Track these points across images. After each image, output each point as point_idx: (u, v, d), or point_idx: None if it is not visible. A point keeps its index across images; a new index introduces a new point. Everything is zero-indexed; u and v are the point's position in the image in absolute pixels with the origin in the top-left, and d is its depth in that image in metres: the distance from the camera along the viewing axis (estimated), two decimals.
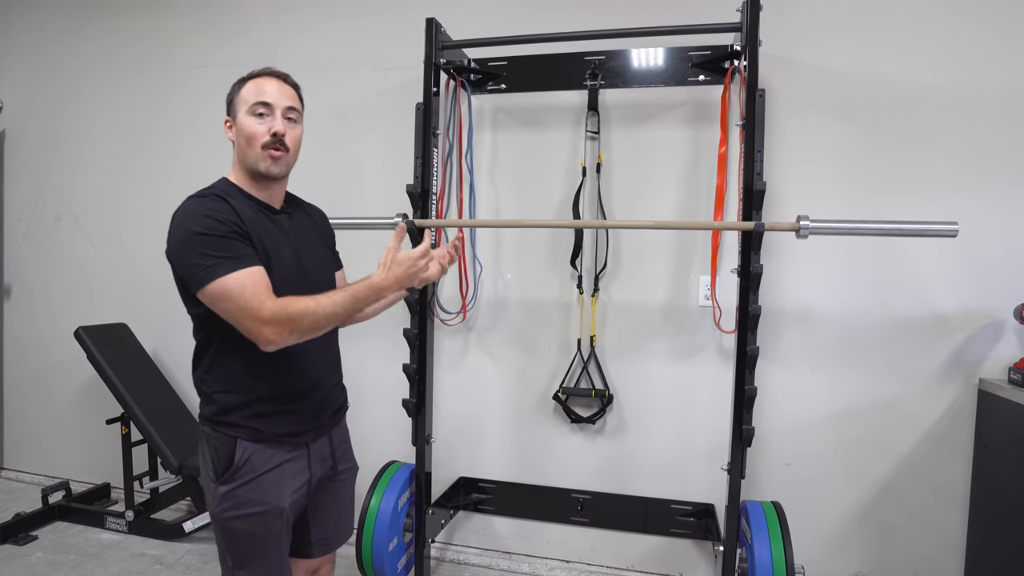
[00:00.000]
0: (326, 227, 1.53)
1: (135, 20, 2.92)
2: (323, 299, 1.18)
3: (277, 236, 1.30)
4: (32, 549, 2.49)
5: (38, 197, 3.11)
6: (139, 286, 2.93)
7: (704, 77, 2.14)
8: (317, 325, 1.19)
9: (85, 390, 3.05)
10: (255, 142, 1.26)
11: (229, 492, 1.27)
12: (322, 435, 1.40)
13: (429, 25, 2.10)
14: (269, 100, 1.27)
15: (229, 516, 1.27)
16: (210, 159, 2.82)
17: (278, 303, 1.15)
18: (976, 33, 2.02)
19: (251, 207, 1.28)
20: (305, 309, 1.16)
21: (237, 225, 1.20)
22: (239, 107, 1.29)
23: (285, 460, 1.32)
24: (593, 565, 2.42)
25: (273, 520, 1.29)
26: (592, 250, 2.34)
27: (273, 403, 1.29)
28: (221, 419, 1.28)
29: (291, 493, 1.32)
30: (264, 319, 1.14)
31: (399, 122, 2.44)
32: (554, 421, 2.43)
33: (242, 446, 1.27)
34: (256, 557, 1.31)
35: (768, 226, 1.76)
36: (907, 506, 2.15)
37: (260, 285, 1.16)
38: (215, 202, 1.21)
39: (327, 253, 1.49)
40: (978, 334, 2.06)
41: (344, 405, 1.50)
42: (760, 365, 1.92)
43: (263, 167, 1.27)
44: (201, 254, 1.15)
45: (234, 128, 1.30)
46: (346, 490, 1.51)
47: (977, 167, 2.04)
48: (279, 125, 1.27)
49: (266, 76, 1.31)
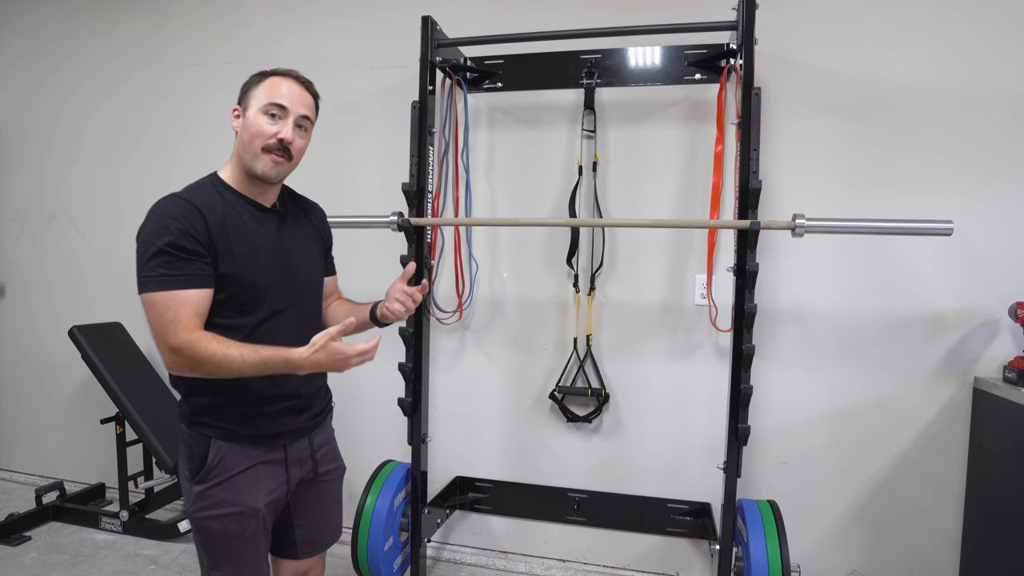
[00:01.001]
0: (324, 227, 1.50)
1: (130, 18, 2.91)
2: (235, 353, 1.13)
3: (259, 236, 1.27)
4: (26, 550, 2.48)
5: (33, 196, 3.10)
6: (134, 285, 2.89)
7: (700, 76, 2.14)
8: (219, 374, 1.15)
9: (79, 390, 3.04)
10: (258, 141, 1.23)
11: (203, 492, 1.25)
12: (301, 438, 1.37)
13: (425, 23, 2.09)
14: (285, 103, 1.24)
15: (204, 516, 1.26)
16: (206, 158, 2.80)
17: (189, 338, 1.13)
18: (973, 31, 2.03)
19: (235, 206, 1.25)
20: (212, 356, 1.13)
21: (198, 241, 1.17)
22: (252, 101, 1.25)
23: (260, 461, 1.30)
24: (590, 564, 2.42)
25: (247, 521, 1.27)
26: (588, 249, 2.34)
27: (247, 406, 1.27)
28: (196, 419, 1.27)
29: (266, 494, 1.30)
30: (171, 347, 1.14)
31: (395, 120, 2.44)
32: (550, 420, 2.43)
33: (216, 446, 1.25)
34: (231, 558, 1.29)
35: (764, 225, 1.76)
36: (903, 504, 2.15)
37: (184, 312, 1.14)
38: (188, 210, 1.18)
39: (320, 254, 1.46)
40: (973, 333, 2.07)
41: (327, 408, 1.48)
42: (756, 364, 1.92)
43: (260, 169, 1.24)
44: (152, 261, 1.16)
45: (241, 120, 1.26)
46: (330, 491, 1.48)
47: (973, 165, 2.04)
48: (288, 132, 1.24)
49: (289, 78, 1.27)
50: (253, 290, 1.24)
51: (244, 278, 1.22)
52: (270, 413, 1.30)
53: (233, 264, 1.21)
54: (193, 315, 1.16)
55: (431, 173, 2.21)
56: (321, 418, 1.44)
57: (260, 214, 1.30)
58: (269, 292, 1.26)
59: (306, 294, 1.37)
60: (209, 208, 1.21)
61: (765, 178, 2.07)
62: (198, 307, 1.17)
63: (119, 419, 2.59)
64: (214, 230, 1.19)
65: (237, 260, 1.21)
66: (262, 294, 1.25)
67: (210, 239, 1.18)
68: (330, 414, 1.51)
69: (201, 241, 1.17)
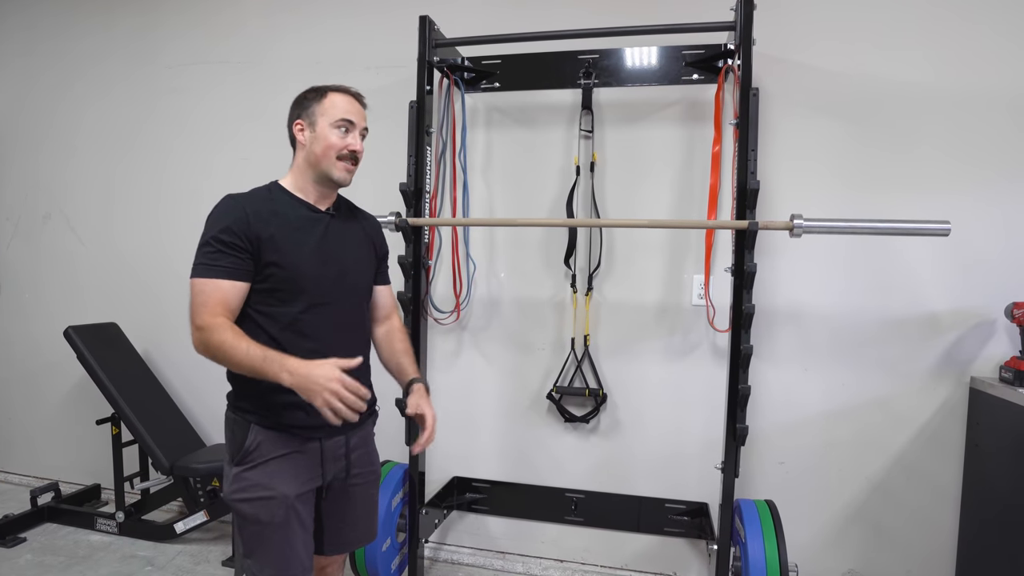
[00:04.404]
0: (377, 236, 1.58)
1: (126, 17, 2.89)
2: (242, 345, 1.23)
3: (307, 232, 1.36)
4: (20, 551, 2.47)
5: (27, 195, 3.08)
6: (130, 286, 2.91)
7: (698, 76, 2.14)
8: (226, 362, 1.26)
9: (75, 390, 3.02)
10: (332, 152, 1.36)
11: (240, 474, 1.33)
12: (337, 435, 1.41)
13: (422, 23, 2.09)
14: (353, 119, 1.39)
15: (237, 498, 1.33)
16: (201, 157, 2.82)
17: (212, 322, 1.24)
18: (970, 31, 2.03)
19: (288, 206, 1.36)
20: (222, 343, 1.23)
21: (238, 236, 1.28)
22: (319, 116, 1.37)
23: (295, 451, 1.36)
24: (587, 564, 2.42)
25: (278, 507, 1.32)
26: (586, 249, 2.34)
27: (285, 394, 1.30)
28: (238, 404, 1.37)
29: (299, 484, 1.35)
30: (196, 326, 1.26)
31: (392, 120, 2.43)
32: (548, 420, 2.42)
33: (255, 431, 1.34)
34: (261, 544, 1.34)
35: (762, 225, 1.77)
36: (899, 504, 2.16)
37: (214, 298, 1.26)
38: (233, 208, 1.31)
39: (371, 259, 1.53)
40: (970, 333, 2.07)
41: (369, 410, 1.50)
42: (753, 364, 1.92)
43: (336, 175, 1.38)
44: (199, 251, 1.29)
45: (308, 133, 1.38)
46: (360, 494, 1.52)
47: (970, 166, 2.05)
48: (359, 144, 1.40)
49: (350, 96, 1.41)
50: (294, 280, 1.33)
51: (286, 266, 1.32)
52: (306, 405, 1.31)
53: (278, 253, 1.31)
54: (221, 302, 1.27)
55: (428, 173, 2.21)
56: (361, 420, 1.46)
57: (312, 215, 1.40)
58: (310, 284, 1.35)
59: (349, 293, 1.44)
60: (254, 206, 1.32)
61: (763, 178, 2.07)
62: (227, 296, 1.28)
63: (115, 420, 2.58)
64: (256, 224, 1.30)
65: (282, 250, 1.32)
66: (303, 285, 1.34)
67: (252, 234, 1.29)
68: (372, 418, 1.54)
69: (241, 236, 1.28)
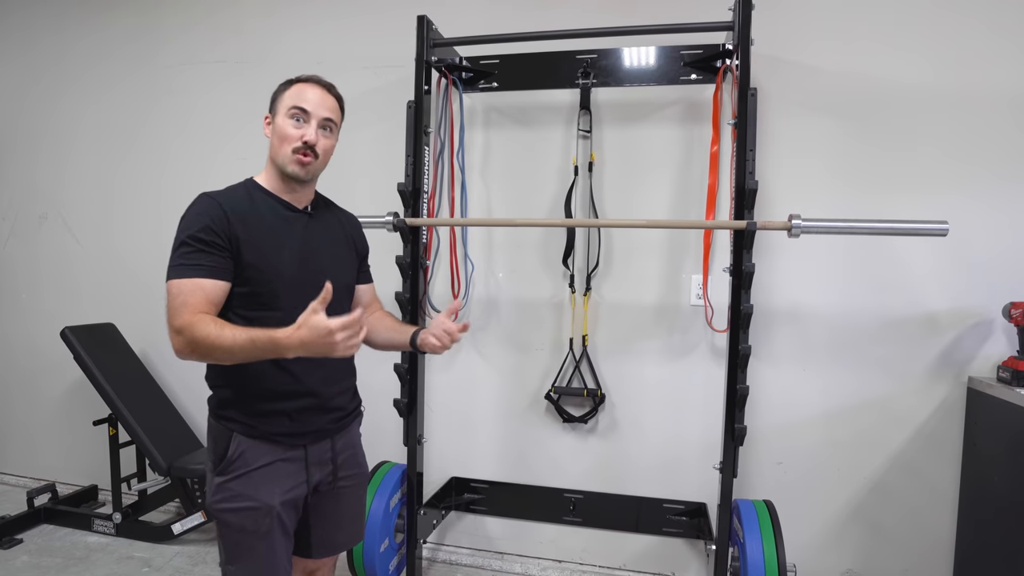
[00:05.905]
0: (358, 235, 1.55)
1: (124, 17, 2.89)
2: (227, 333, 1.16)
3: (284, 232, 1.33)
4: (17, 553, 2.46)
5: (24, 196, 3.07)
6: (127, 286, 2.90)
7: (696, 76, 2.14)
8: (214, 355, 1.18)
9: (72, 391, 3.01)
10: (286, 144, 1.32)
11: (222, 484, 1.30)
12: (323, 439, 1.39)
13: (420, 23, 2.09)
14: (308, 107, 1.32)
15: (221, 508, 1.30)
16: (199, 158, 2.81)
17: (190, 320, 1.17)
18: (969, 31, 2.03)
19: (264, 204, 1.33)
20: (206, 337, 1.15)
21: (216, 234, 1.23)
22: (279, 108, 1.34)
23: (279, 459, 1.32)
24: (586, 565, 2.42)
25: (262, 517, 1.29)
26: (584, 249, 2.34)
27: (268, 402, 1.30)
28: (220, 412, 1.33)
29: (283, 492, 1.32)
30: (175, 328, 1.19)
31: (390, 120, 2.43)
32: (546, 421, 2.42)
33: (237, 440, 1.30)
34: (244, 553, 1.31)
35: (760, 225, 1.77)
36: (897, 504, 2.16)
37: (193, 298, 1.20)
38: (210, 205, 1.26)
39: (352, 258, 1.49)
40: (967, 333, 2.08)
41: (354, 412, 1.49)
42: (752, 364, 1.93)
43: (290, 169, 1.32)
44: (175, 252, 1.24)
45: (272, 126, 1.36)
46: (349, 496, 1.49)
47: (969, 166, 2.05)
48: (311, 134, 1.33)
49: (312, 83, 1.36)
50: (273, 283, 1.29)
51: (265, 269, 1.28)
52: (290, 412, 1.31)
53: (256, 255, 1.27)
54: (202, 301, 1.21)
55: (427, 173, 2.21)
56: (346, 422, 1.45)
57: (289, 213, 1.36)
58: (289, 287, 1.30)
59: None
60: (232, 204, 1.28)
61: (761, 178, 2.07)
62: (209, 295, 1.23)
63: (112, 421, 2.57)
64: (235, 224, 1.26)
65: (259, 250, 1.28)
66: (282, 288, 1.30)
67: (230, 232, 1.25)
68: (357, 419, 1.52)
69: (219, 234, 1.24)
